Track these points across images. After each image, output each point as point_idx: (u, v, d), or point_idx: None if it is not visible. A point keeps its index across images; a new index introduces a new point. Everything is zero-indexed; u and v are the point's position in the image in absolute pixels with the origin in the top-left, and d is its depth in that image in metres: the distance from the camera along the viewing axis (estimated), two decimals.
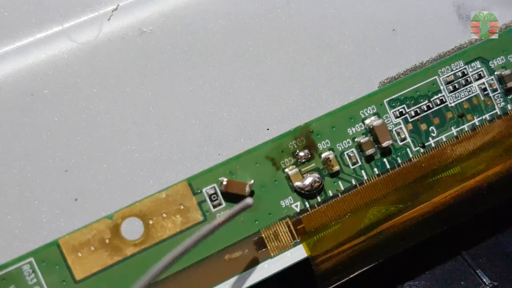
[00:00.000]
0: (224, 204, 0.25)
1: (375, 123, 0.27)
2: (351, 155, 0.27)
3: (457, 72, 0.28)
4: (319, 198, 0.27)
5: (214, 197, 0.25)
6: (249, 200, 0.23)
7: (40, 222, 0.24)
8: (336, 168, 0.26)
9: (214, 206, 0.25)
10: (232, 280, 0.25)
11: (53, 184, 0.24)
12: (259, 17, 0.27)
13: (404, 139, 0.27)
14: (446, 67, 0.28)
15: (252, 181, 0.26)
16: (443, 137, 0.28)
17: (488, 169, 0.28)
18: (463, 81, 0.28)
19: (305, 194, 0.26)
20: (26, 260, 0.24)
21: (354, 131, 0.27)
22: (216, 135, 0.26)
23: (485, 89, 0.29)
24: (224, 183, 0.25)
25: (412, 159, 0.27)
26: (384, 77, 0.28)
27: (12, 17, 0.25)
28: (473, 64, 0.28)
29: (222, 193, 0.25)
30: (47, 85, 0.25)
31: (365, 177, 0.27)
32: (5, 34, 0.25)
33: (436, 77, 0.28)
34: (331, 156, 0.27)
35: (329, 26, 0.27)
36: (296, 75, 0.27)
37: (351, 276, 0.27)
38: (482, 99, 0.28)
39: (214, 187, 0.25)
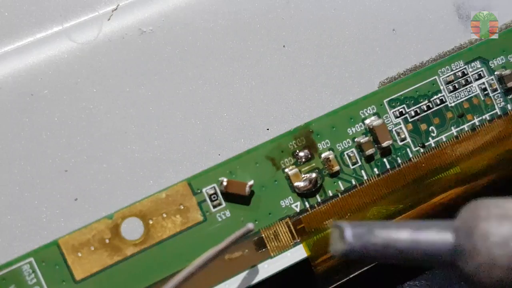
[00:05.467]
0: (224, 204, 0.25)
1: (375, 123, 0.27)
2: (351, 155, 0.27)
3: (457, 72, 0.28)
4: (319, 198, 0.27)
5: (214, 197, 0.25)
6: (250, 225, 0.24)
7: (40, 222, 0.24)
8: (336, 168, 0.26)
9: (214, 206, 0.25)
10: (232, 280, 0.25)
11: (53, 184, 0.24)
12: (259, 17, 0.27)
13: (404, 139, 0.27)
14: (446, 67, 0.28)
15: (252, 181, 0.26)
16: (443, 137, 0.28)
17: (488, 169, 0.28)
18: (463, 81, 0.28)
19: (305, 193, 0.26)
20: (26, 260, 0.24)
21: (354, 131, 0.27)
22: (216, 135, 0.26)
23: (485, 89, 0.29)
24: (224, 183, 0.25)
25: (412, 159, 0.27)
26: (384, 77, 0.28)
27: (12, 17, 0.25)
28: (473, 64, 0.28)
29: (222, 193, 0.25)
30: (47, 85, 0.25)
31: (365, 177, 0.27)
32: (5, 34, 0.25)
33: (436, 77, 0.28)
34: (331, 156, 0.27)
35: (329, 26, 0.27)
36: (296, 75, 0.27)
37: (351, 276, 0.27)
38: (482, 99, 0.28)
39: (214, 187, 0.25)
